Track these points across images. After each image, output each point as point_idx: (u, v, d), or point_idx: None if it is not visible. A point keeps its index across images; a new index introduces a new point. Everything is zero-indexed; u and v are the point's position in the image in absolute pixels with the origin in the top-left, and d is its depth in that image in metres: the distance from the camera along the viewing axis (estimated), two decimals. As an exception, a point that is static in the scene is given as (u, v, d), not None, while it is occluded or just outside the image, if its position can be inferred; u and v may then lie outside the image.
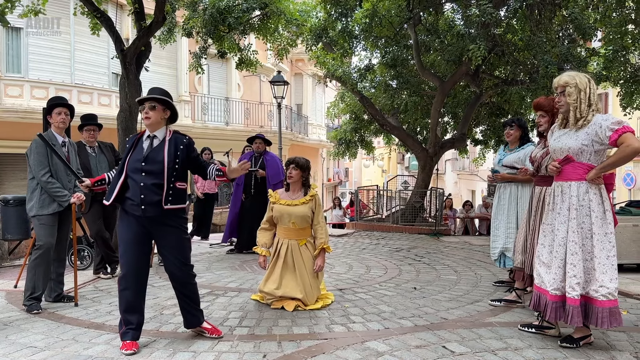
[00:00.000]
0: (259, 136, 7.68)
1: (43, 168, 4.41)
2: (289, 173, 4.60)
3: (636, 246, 6.05)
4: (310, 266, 4.59)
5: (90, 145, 5.63)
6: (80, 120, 5.56)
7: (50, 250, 4.45)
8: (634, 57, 10.27)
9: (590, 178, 3.40)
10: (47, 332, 3.84)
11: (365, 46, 12.27)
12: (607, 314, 3.28)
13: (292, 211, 4.53)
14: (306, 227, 4.65)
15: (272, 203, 4.66)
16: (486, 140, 15.10)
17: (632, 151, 3.24)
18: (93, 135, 5.62)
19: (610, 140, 3.29)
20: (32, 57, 12.96)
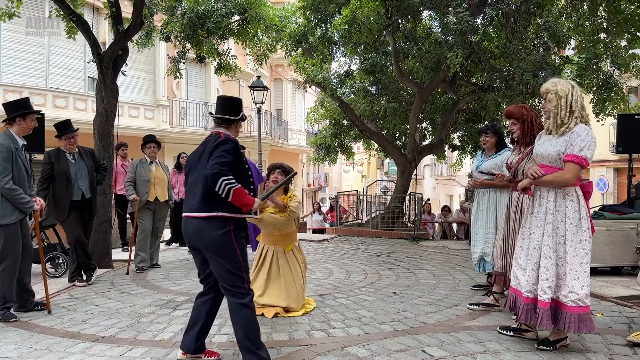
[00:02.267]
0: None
1: (6, 175, 4.20)
2: (275, 178, 4.56)
3: (610, 250, 6.19)
4: (297, 272, 4.57)
5: (70, 152, 5.50)
6: (56, 129, 5.40)
7: (18, 259, 4.32)
8: (605, 65, 10.54)
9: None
10: (20, 341, 3.74)
11: (344, 52, 12.33)
12: (576, 319, 3.34)
13: (276, 221, 4.51)
14: (292, 232, 4.64)
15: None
16: (463, 146, 15.28)
17: (564, 180, 3.37)
18: (74, 142, 5.49)
19: (564, 155, 3.37)
20: (5, 61, 12.67)
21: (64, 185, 5.35)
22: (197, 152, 3.31)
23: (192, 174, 3.27)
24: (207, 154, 3.15)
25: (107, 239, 6.92)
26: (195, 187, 3.18)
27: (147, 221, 6.60)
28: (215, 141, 3.17)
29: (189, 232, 3.18)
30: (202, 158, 3.19)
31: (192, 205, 3.17)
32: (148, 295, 5.19)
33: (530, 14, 9.32)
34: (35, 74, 13.13)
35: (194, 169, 3.25)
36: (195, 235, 3.14)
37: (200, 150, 3.28)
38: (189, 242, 3.26)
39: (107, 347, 3.62)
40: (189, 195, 3.26)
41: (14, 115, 4.45)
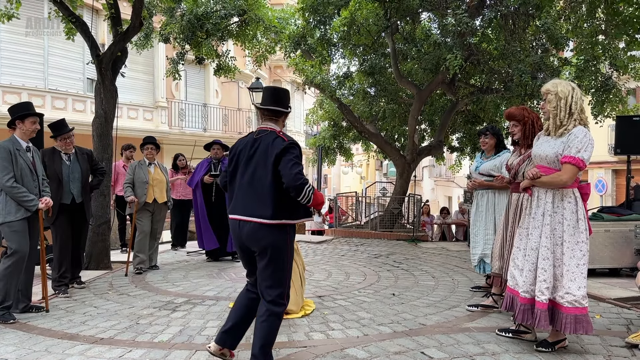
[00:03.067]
0: (217, 142, 7.66)
1: (7, 173, 4.29)
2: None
3: (608, 251, 6.20)
4: (296, 274, 4.56)
5: (66, 153, 5.32)
6: (51, 130, 5.27)
7: (24, 257, 4.33)
8: (604, 67, 10.56)
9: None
10: (18, 343, 3.74)
11: (343, 54, 12.35)
12: (572, 320, 3.34)
13: None
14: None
15: None
16: (462, 148, 15.29)
17: (561, 182, 3.39)
18: (70, 142, 5.30)
19: (561, 157, 3.38)
20: (4, 62, 12.66)
21: (54, 186, 5.11)
22: (246, 148, 3.14)
23: (244, 173, 3.11)
24: (264, 154, 3.04)
25: (106, 241, 6.91)
26: (252, 189, 3.06)
27: (146, 222, 6.60)
28: (273, 140, 3.05)
29: (244, 234, 3.07)
30: (256, 157, 3.07)
31: (252, 210, 3.04)
32: (147, 297, 5.18)
33: (528, 15, 9.34)
34: (34, 75, 13.13)
35: (247, 167, 3.10)
36: (253, 237, 3.04)
37: (252, 147, 3.12)
38: (241, 244, 3.15)
39: (106, 348, 3.61)
40: (243, 197, 3.10)
41: (12, 118, 4.53)
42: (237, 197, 3.15)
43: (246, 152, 3.14)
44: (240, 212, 3.09)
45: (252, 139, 3.16)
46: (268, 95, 3.25)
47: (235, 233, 3.16)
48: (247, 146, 3.16)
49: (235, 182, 3.18)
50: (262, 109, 3.21)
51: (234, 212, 3.14)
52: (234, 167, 3.20)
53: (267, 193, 3.01)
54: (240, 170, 3.15)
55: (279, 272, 3.06)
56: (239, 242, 3.17)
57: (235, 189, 3.17)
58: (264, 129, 3.17)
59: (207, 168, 7.42)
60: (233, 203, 3.17)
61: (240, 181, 3.14)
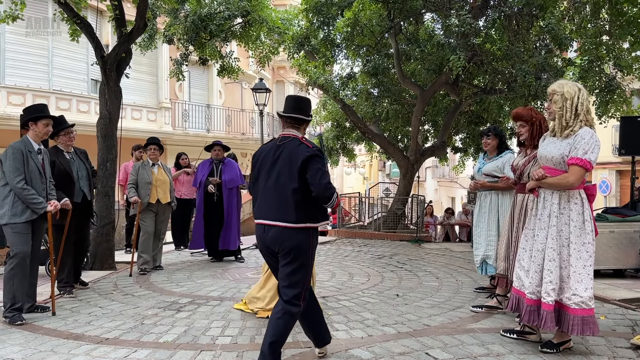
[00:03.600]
0: (217, 143, 7.69)
1: (18, 175, 4.29)
2: None
3: (613, 252, 6.18)
4: None
5: (67, 151, 5.26)
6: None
7: (26, 259, 4.34)
8: (608, 67, 10.53)
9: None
10: (24, 343, 3.75)
11: (346, 55, 12.35)
12: (579, 322, 3.34)
13: None
14: None
15: None
16: (465, 148, 15.28)
17: (568, 183, 3.38)
18: (72, 138, 5.25)
19: (568, 158, 3.37)
20: (8, 63, 12.72)
21: (65, 185, 5.07)
22: (270, 154, 3.20)
23: (267, 178, 3.17)
24: (288, 160, 3.11)
25: (110, 241, 6.94)
26: (276, 194, 3.12)
27: (150, 223, 6.62)
28: (297, 147, 3.14)
29: (269, 237, 3.13)
30: (280, 163, 3.13)
31: (276, 215, 3.10)
32: (151, 297, 5.20)
33: (532, 16, 9.32)
34: (39, 76, 13.18)
35: (271, 172, 3.16)
36: (278, 239, 3.09)
37: (275, 153, 3.18)
38: (265, 246, 3.20)
39: (111, 348, 3.63)
40: (267, 202, 3.16)
41: (25, 120, 4.55)
42: (261, 201, 3.21)
43: (269, 158, 3.20)
44: (265, 217, 3.15)
45: (275, 145, 3.23)
46: (290, 103, 3.33)
47: (259, 236, 3.22)
48: (270, 152, 3.22)
49: (258, 187, 3.24)
50: (285, 117, 3.29)
51: (258, 217, 3.20)
52: (257, 172, 3.26)
53: (290, 198, 3.07)
54: (263, 176, 3.21)
55: (299, 273, 3.11)
56: (263, 245, 3.22)
57: (260, 193, 3.23)
58: (287, 135, 3.24)
59: (209, 169, 7.45)
60: (257, 207, 3.23)
61: (264, 186, 3.20)
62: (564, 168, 3.43)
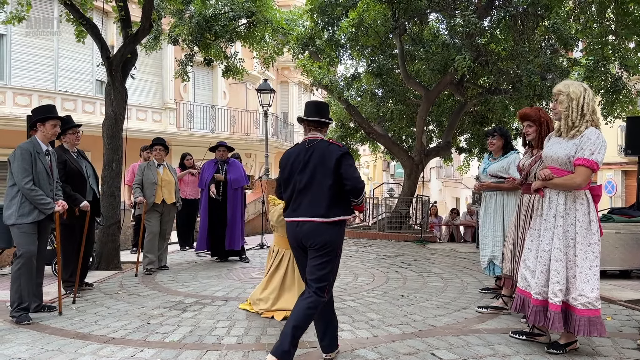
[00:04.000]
0: (222, 144, 7.71)
1: (27, 175, 4.32)
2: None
3: (619, 253, 6.15)
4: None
5: (72, 150, 5.29)
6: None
7: (32, 259, 4.37)
8: (614, 67, 10.49)
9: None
10: (31, 342, 3.77)
11: (351, 55, 12.33)
12: (586, 323, 3.33)
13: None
14: None
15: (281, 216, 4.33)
16: (470, 149, 15.23)
17: (575, 184, 3.38)
18: (79, 137, 5.29)
19: (574, 159, 3.36)
20: (15, 64, 12.80)
21: (78, 184, 5.13)
22: (300, 156, 3.35)
23: (301, 178, 3.30)
24: (321, 159, 3.26)
25: (116, 241, 6.96)
26: (310, 192, 3.27)
27: (155, 223, 6.64)
28: (327, 147, 3.31)
29: (303, 232, 3.26)
30: (313, 163, 3.28)
31: (310, 211, 3.25)
32: (157, 297, 5.21)
33: (537, 16, 9.29)
34: (45, 77, 13.26)
35: (303, 172, 3.29)
36: (312, 234, 3.23)
37: (306, 154, 3.33)
38: (298, 243, 3.33)
39: (118, 348, 3.64)
40: (302, 200, 3.29)
41: (34, 120, 4.58)
42: (295, 201, 3.34)
43: (301, 159, 3.34)
44: (300, 214, 3.30)
45: (304, 147, 3.38)
46: (312, 108, 3.50)
47: (292, 233, 3.35)
48: (300, 155, 3.37)
49: (290, 188, 3.38)
50: (308, 121, 3.45)
51: (292, 215, 3.34)
52: (289, 174, 3.39)
53: (326, 194, 3.24)
54: (296, 177, 3.34)
55: (328, 267, 3.25)
56: (296, 242, 3.36)
57: (294, 194, 3.35)
58: (314, 138, 3.42)
59: (214, 169, 7.47)
60: (292, 207, 3.36)
61: (298, 186, 3.32)
62: (569, 168, 3.42)
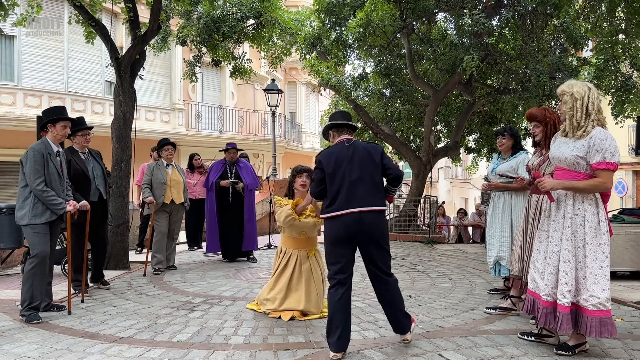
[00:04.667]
0: (232, 146, 7.72)
1: (39, 177, 4.37)
2: (303, 182, 4.51)
3: (629, 254, 6.09)
4: (318, 276, 4.58)
5: (82, 151, 5.34)
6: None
7: (46, 259, 4.42)
8: (624, 67, 10.39)
9: (548, 187, 3.45)
10: (40, 341, 3.80)
11: (359, 55, 12.33)
12: (597, 324, 3.29)
13: (305, 224, 4.52)
14: (314, 237, 4.68)
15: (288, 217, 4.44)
16: (479, 149, 15.16)
17: (603, 189, 3.36)
18: (88, 139, 5.33)
19: (593, 162, 3.32)
20: (25, 65, 12.93)
21: (82, 185, 5.17)
22: (343, 153, 3.64)
23: (350, 172, 3.55)
24: (367, 154, 3.61)
25: (125, 241, 7.00)
26: (365, 184, 3.54)
27: (164, 223, 6.67)
28: (366, 144, 3.72)
29: (367, 223, 3.50)
30: (359, 158, 3.59)
31: (367, 201, 3.51)
32: (165, 297, 5.24)
33: (546, 15, 9.22)
34: (55, 79, 13.38)
35: (352, 167, 3.56)
36: (374, 227, 3.52)
37: (349, 152, 3.64)
38: (352, 235, 3.53)
39: (126, 347, 3.66)
40: (355, 192, 3.52)
41: (44, 122, 4.63)
42: (348, 193, 3.54)
43: (344, 155, 3.63)
44: (358, 205, 3.51)
45: (344, 146, 3.70)
46: (340, 115, 3.92)
47: (350, 225, 3.51)
48: (342, 151, 3.66)
49: (337, 182, 3.58)
50: (340, 125, 3.83)
51: (347, 207, 3.51)
52: (334, 169, 3.60)
53: (379, 185, 3.61)
54: (344, 172, 3.58)
55: (388, 252, 3.69)
56: (351, 234, 3.53)
57: (343, 187, 3.56)
58: (350, 138, 3.77)
59: (222, 170, 7.49)
60: (343, 199, 3.54)
61: (348, 180, 3.56)
62: (577, 169, 3.39)
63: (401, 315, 3.64)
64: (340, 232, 3.53)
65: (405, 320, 3.67)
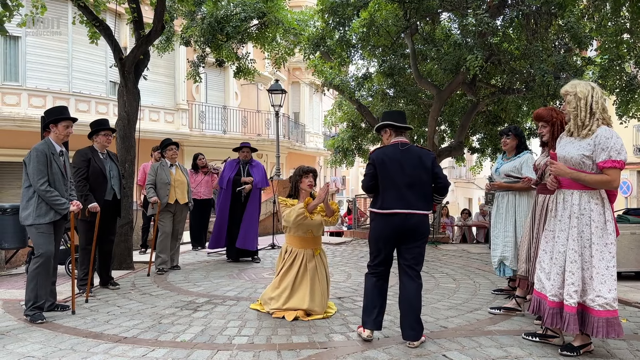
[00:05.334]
0: (246, 145, 7.78)
1: (42, 177, 4.39)
2: (310, 182, 4.58)
3: (634, 254, 6.06)
4: (323, 276, 4.58)
5: (101, 151, 5.45)
6: (93, 126, 5.45)
7: (50, 259, 4.44)
8: (629, 66, 10.34)
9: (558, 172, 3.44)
10: (44, 341, 3.81)
11: (362, 55, 12.31)
12: (604, 324, 3.28)
13: (312, 223, 4.53)
14: (319, 236, 4.71)
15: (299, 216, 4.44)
16: (483, 149, 15.13)
17: (610, 187, 3.36)
18: (109, 140, 5.47)
19: (599, 161, 3.31)
20: (29, 66, 12.97)
21: (99, 183, 5.30)
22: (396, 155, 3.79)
23: (402, 175, 3.73)
24: (419, 160, 3.76)
25: (129, 241, 7.01)
26: (415, 188, 3.73)
27: (168, 223, 6.68)
28: (420, 150, 3.85)
29: (411, 224, 3.71)
30: (412, 163, 3.75)
31: (414, 205, 3.72)
32: (169, 297, 5.24)
33: (551, 14, 9.19)
34: (59, 79, 13.42)
35: (403, 171, 3.74)
36: (417, 227, 3.73)
37: (403, 155, 3.78)
38: (396, 234, 3.75)
39: (129, 347, 3.66)
40: (405, 195, 3.72)
41: (47, 122, 4.66)
42: (399, 195, 3.73)
43: (398, 159, 3.78)
44: (407, 207, 3.72)
45: (398, 149, 3.81)
46: (398, 116, 3.99)
47: (396, 224, 3.72)
48: (396, 154, 3.80)
49: (388, 182, 3.77)
50: (400, 127, 3.93)
51: (397, 207, 3.72)
52: (385, 171, 3.77)
53: (428, 190, 3.79)
54: (395, 174, 3.75)
55: (424, 252, 3.85)
56: (396, 233, 3.75)
57: (394, 188, 3.74)
58: (404, 142, 3.87)
59: (236, 169, 7.54)
60: (394, 199, 3.73)
61: (400, 182, 3.74)
62: (583, 168, 3.38)
63: (415, 321, 3.70)
64: (387, 229, 3.75)
65: (418, 327, 3.71)
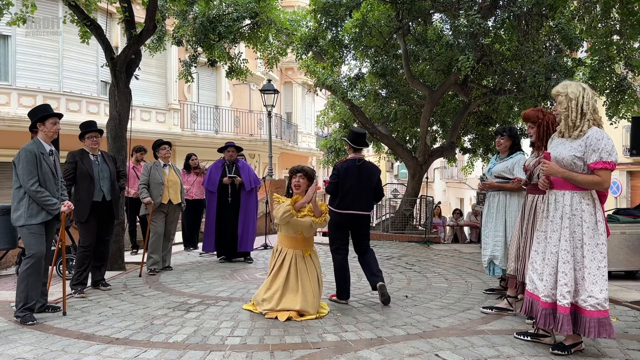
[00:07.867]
0: (231, 144, 7.72)
1: (32, 177, 4.34)
2: (297, 182, 4.58)
3: (624, 254, 6.12)
4: (314, 276, 4.57)
5: (93, 153, 5.43)
6: (80, 128, 5.44)
7: (41, 259, 4.40)
8: (619, 67, 10.44)
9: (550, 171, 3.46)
10: (35, 343, 3.78)
11: (355, 55, 12.34)
12: (596, 324, 3.30)
13: (302, 224, 4.53)
14: (311, 237, 4.70)
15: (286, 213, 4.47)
16: (474, 149, 15.21)
17: (600, 187, 3.39)
18: (96, 141, 5.43)
19: (590, 162, 3.33)
20: (20, 65, 12.85)
21: (87, 185, 5.27)
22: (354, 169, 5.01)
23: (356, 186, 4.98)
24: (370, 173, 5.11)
25: (120, 242, 6.97)
26: (363, 195, 5.03)
27: (160, 224, 6.65)
28: (372, 166, 5.19)
29: (358, 221, 5.09)
30: (362, 176, 5.02)
31: (362, 207, 5.05)
32: (161, 298, 5.22)
33: (542, 16, 9.26)
34: (49, 78, 13.31)
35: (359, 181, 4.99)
36: (363, 222, 5.15)
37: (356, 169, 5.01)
38: (350, 226, 5.10)
39: (122, 348, 3.64)
40: (358, 200, 4.99)
41: (33, 121, 4.59)
42: (352, 200, 4.98)
43: (355, 171, 5.01)
44: (357, 209, 5.01)
45: (355, 164, 5.03)
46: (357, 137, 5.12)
47: (347, 221, 5.04)
48: (354, 167, 5.02)
49: (346, 188, 4.97)
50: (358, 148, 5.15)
51: (351, 209, 4.99)
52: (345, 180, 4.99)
53: (372, 197, 5.14)
54: (351, 182, 4.98)
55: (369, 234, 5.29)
56: (350, 226, 5.10)
57: (350, 193, 4.96)
58: (360, 158, 5.12)
59: (221, 170, 7.48)
60: (349, 202, 4.98)
61: (355, 189, 4.98)
62: (574, 169, 3.40)
63: (376, 270, 5.06)
64: (343, 223, 5.05)
65: (379, 273, 5.04)
